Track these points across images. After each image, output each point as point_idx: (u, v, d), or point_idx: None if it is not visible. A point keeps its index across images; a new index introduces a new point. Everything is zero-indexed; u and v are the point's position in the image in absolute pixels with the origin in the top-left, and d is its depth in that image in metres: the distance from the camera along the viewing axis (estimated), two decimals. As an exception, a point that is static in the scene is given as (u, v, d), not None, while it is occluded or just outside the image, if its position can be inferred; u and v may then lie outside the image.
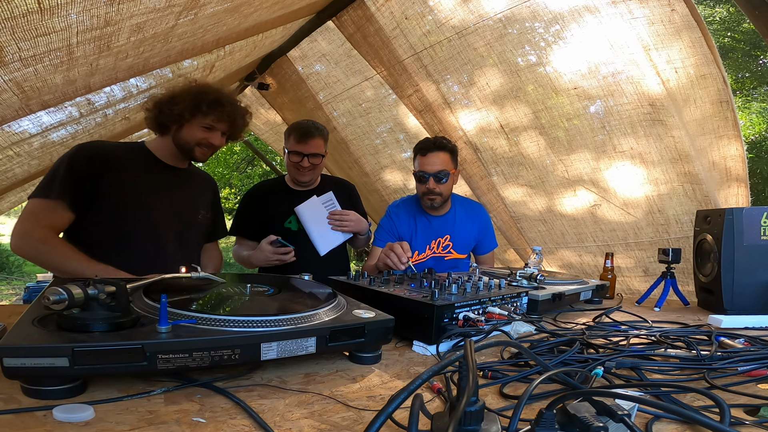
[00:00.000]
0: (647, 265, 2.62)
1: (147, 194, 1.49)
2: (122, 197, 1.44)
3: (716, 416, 0.64)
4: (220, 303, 0.89)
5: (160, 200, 1.52)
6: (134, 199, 1.46)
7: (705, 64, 1.92)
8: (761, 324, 1.27)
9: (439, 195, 1.85)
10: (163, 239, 1.52)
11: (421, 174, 1.84)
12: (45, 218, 1.35)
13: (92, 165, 1.40)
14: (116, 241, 1.43)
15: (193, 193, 1.68)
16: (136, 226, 1.46)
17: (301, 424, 0.61)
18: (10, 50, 1.18)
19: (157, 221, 1.50)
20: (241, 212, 2.05)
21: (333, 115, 3.40)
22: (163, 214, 1.52)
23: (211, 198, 1.78)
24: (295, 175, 1.95)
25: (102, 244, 1.41)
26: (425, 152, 1.84)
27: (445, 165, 1.83)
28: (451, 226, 1.98)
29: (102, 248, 1.40)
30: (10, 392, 0.64)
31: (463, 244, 2.01)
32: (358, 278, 1.29)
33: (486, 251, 2.10)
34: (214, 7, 1.55)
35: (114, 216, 1.43)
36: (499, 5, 2.17)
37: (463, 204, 2.06)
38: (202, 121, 1.51)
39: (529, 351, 0.68)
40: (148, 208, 1.48)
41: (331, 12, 2.59)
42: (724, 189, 2.25)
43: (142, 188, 1.49)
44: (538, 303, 1.32)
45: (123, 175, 1.45)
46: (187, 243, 1.63)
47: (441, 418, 0.49)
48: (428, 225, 1.98)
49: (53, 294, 0.66)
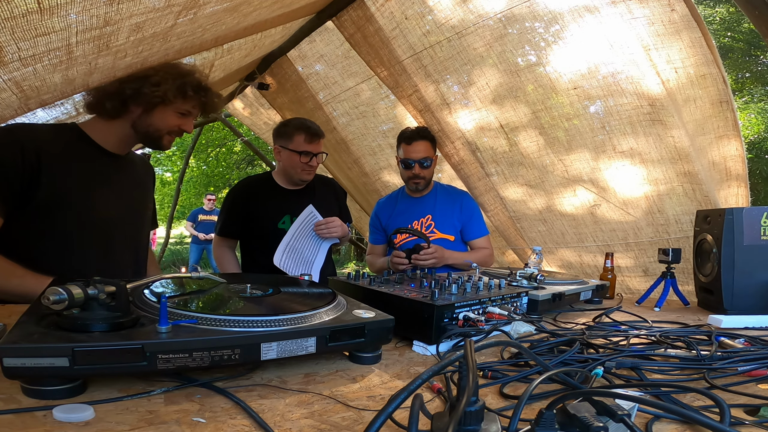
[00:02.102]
0: (647, 265, 2.62)
1: (95, 192, 1.28)
2: (67, 197, 1.21)
3: (716, 416, 0.64)
4: (220, 303, 0.89)
5: (111, 198, 1.33)
6: (82, 199, 1.24)
7: (705, 64, 1.92)
8: (761, 324, 1.27)
9: (423, 179, 2.05)
10: (113, 238, 1.33)
11: (407, 161, 2.03)
12: None
13: (26, 157, 1.14)
14: (64, 249, 1.22)
15: (141, 187, 1.49)
16: (81, 226, 1.25)
17: (301, 424, 0.61)
18: (10, 50, 1.18)
19: (105, 218, 1.31)
20: (231, 212, 1.96)
21: (333, 115, 3.40)
22: (111, 209, 1.33)
23: (152, 186, 1.60)
24: (301, 175, 1.92)
25: (49, 254, 1.20)
26: (410, 141, 2.02)
27: (428, 152, 2.03)
28: (431, 206, 2.12)
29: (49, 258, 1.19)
30: (10, 392, 0.64)
31: (447, 224, 2.09)
32: (358, 278, 1.29)
33: (475, 236, 2.14)
34: (213, 6, 1.55)
35: (59, 220, 1.21)
36: (499, 5, 2.17)
37: (446, 189, 2.21)
38: (180, 107, 1.32)
39: (529, 351, 0.68)
40: (94, 203, 1.28)
41: (331, 12, 2.59)
42: (724, 189, 2.25)
43: (89, 184, 1.27)
44: (538, 303, 1.32)
45: (64, 169, 1.21)
46: (138, 240, 1.45)
47: (441, 418, 0.49)
48: (408, 206, 2.14)
49: (53, 294, 0.66)
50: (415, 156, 2.01)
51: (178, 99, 1.31)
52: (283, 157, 1.93)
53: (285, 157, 1.93)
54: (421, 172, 2.02)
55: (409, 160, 2.02)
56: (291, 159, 1.90)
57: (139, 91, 1.27)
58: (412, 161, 2.01)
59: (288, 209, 1.94)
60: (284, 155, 1.92)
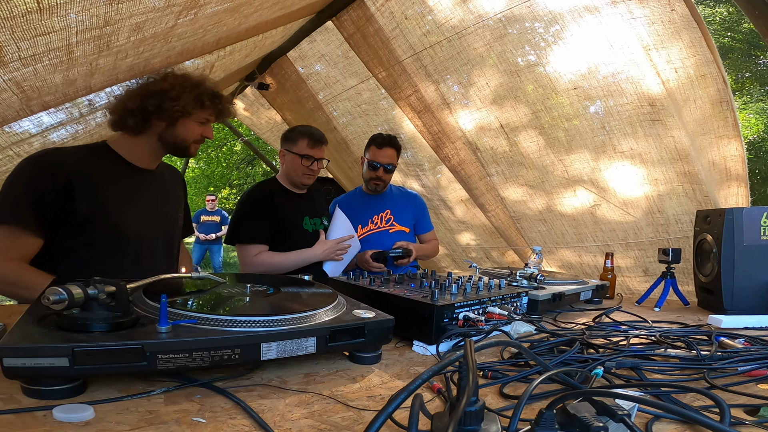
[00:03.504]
0: (647, 265, 2.62)
1: (125, 206, 1.33)
2: (99, 213, 1.26)
3: (716, 416, 0.64)
4: (220, 303, 0.89)
5: (141, 211, 1.38)
6: (113, 214, 1.29)
7: (705, 64, 1.92)
8: (761, 324, 1.27)
9: (384, 181, 2.24)
10: (149, 253, 1.39)
11: (374, 163, 2.20)
12: (9, 249, 1.16)
13: (56, 181, 1.20)
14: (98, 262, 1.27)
15: (170, 197, 1.55)
16: (118, 244, 1.31)
17: (301, 424, 0.61)
18: (10, 50, 1.19)
19: (141, 235, 1.36)
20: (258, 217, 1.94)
21: (333, 115, 3.41)
22: (146, 225, 1.39)
23: (183, 194, 1.66)
24: (302, 179, 1.97)
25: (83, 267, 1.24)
26: (381, 146, 2.19)
27: (393, 159, 2.22)
28: (389, 202, 2.33)
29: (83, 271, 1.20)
30: (10, 392, 0.64)
31: (404, 217, 2.33)
32: (358, 278, 1.29)
33: (426, 230, 2.43)
34: (214, 7, 1.55)
35: (92, 235, 1.26)
36: (499, 5, 2.17)
37: (400, 189, 2.47)
38: (200, 116, 1.39)
39: (529, 351, 0.68)
40: (130, 221, 1.33)
41: (330, 12, 2.59)
42: (724, 189, 2.25)
43: (119, 199, 1.32)
44: (538, 303, 1.32)
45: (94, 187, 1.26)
46: (172, 252, 1.52)
47: (441, 418, 0.49)
48: (368, 203, 2.32)
49: (53, 294, 0.66)
50: (383, 160, 2.18)
51: (197, 109, 1.37)
52: (287, 160, 1.98)
53: (288, 160, 1.98)
54: (383, 176, 2.21)
55: (376, 163, 2.19)
56: (294, 162, 1.96)
57: (160, 106, 1.32)
58: (378, 164, 2.19)
59: (305, 211, 2.01)
60: (288, 158, 1.98)
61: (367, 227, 2.28)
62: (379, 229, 2.28)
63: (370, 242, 2.21)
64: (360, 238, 2.22)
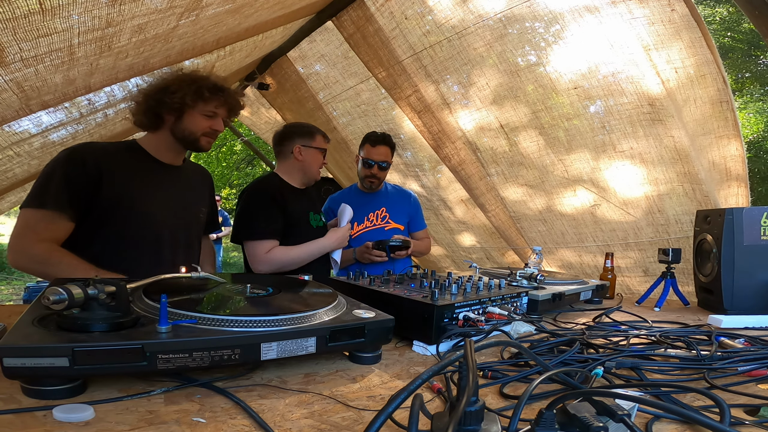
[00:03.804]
0: (647, 265, 2.61)
1: (149, 196, 1.43)
2: (124, 201, 1.36)
3: (716, 416, 0.64)
4: (220, 303, 0.89)
5: (164, 201, 1.47)
6: (136, 203, 1.39)
7: (705, 64, 1.92)
8: (761, 324, 1.27)
9: (378, 179, 2.26)
10: (170, 242, 1.47)
11: (368, 160, 2.22)
12: (43, 230, 1.26)
13: (88, 170, 1.31)
14: (121, 248, 1.37)
15: (194, 192, 1.63)
16: (141, 231, 1.40)
17: (301, 424, 0.61)
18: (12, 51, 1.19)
19: (162, 224, 1.45)
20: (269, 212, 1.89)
21: (333, 115, 3.41)
22: (168, 215, 1.47)
23: (209, 192, 1.73)
24: (317, 174, 2.02)
25: (106, 252, 1.35)
26: (375, 144, 2.21)
27: (387, 157, 2.23)
28: (384, 199, 2.35)
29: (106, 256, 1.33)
30: (10, 392, 0.64)
31: (399, 215, 2.35)
32: (358, 278, 1.29)
33: (420, 228, 2.45)
34: (215, 8, 1.55)
35: (117, 222, 1.36)
36: (499, 5, 2.17)
37: (395, 187, 2.48)
38: (204, 109, 1.44)
39: (529, 351, 0.68)
40: (152, 210, 1.42)
41: (330, 12, 2.59)
42: (724, 189, 2.25)
43: (143, 190, 1.42)
44: (538, 303, 1.32)
45: (121, 178, 1.37)
46: (192, 244, 1.59)
47: (441, 418, 0.49)
48: (363, 201, 2.32)
49: (53, 294, 0.66)
50: (377, 158, 2.20)
51: (199, 102, 1.42)
52: (308, 155, 1.95)
53: (310, 155, 1.95)
54: (378, 173, 2.23)
55: (370, 161, 2.21)
56: (315, 156, 1.96)
57: (162, 101, 1.40)
58: (373, 162, 2.21)
59: (309, 207, 2.02)
60: (309, 153, 1.95)
61: (362, 225, 2.30)
62: (375, 226, 2.31)
63: (365, 239, 2.23)
64: (356, 235, 2.26)
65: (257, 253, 1.80)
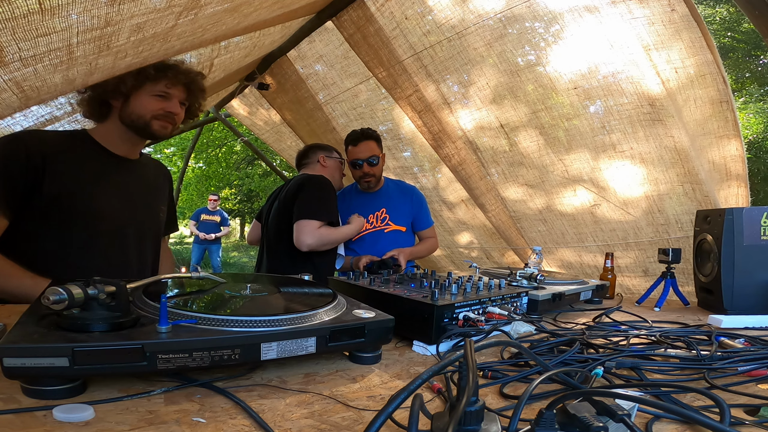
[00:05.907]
0: (647, 265, 2.62)
1: (97, 190, 1.28)
2: (70, 197, 1.22)
3: (716, 416, 0.64)
4: (220, 303, 0.89)
5: (114, 197, 1.33)
6: (85, 199, 1.25)
7: (705, 64, 1.92)
8: (761, 324, 1.27)
9: (373, 176, 2.17)
10: (121, 243, 1.33)
11: (355, 161, 2.15)
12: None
13: (30, 160, 1.17)
14: (64, 249, 1.22)
15: (151, 188, 1.49)
16: (87, 230, 1.25)
17: (301, 424, 0.61)
18: (11, 50, 1.18)
19: (111, 222, 1.31)
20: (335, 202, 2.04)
21: (332, 116, 3.40)
22: (119, 213, 1.33)
23: (168, 190, 1.60)
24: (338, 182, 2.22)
25: (48, 253, 1.20)
26: (356, 142, 2.14)
27: (373, 151, 2.15)
28: (385, 200, 2.26)
29: (49, 257, 1.19)
30: (10, 392, 0.64)
31: (400, 216, 2.26)
32: (358, 278, 1.29)
33: (424, 226, 2.34)
34: (214, 7, 1.55)
35: (61, 220, 1.21)
36: (499, 5, 2.17)
37: (397, 183, 2.38)
38: (153, 89, 1.31)
39: (529, 351, 0.68)
40: (100, 206, 1.28)
41: (331, 12, 2.59)
42: (724, 189, 2.25)
43: (93, 185, 1.27)
44: (538, 303, 1.32)
45: (69, 171, 1.23)
46: (146, 245, 1.45)
47: (441, 418, 0.49)
48: (363, 201, 2.27)
49: (53, 294, 0.66)
50: (362, 156, 2.13)
51: (146, 82, 1.30)
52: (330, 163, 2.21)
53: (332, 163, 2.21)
54: (370, 170, 2.15)
55: (357, 161, 2.15)
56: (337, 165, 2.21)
57: (105, 85, 1.27)
58: (360, 161, 2.14)
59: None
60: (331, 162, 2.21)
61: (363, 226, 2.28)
62: (375, 229, 2.24)
63: (365, 242, 2.20)
64: (355, 238, 2.23)
65: (309, 228, 1.88)
